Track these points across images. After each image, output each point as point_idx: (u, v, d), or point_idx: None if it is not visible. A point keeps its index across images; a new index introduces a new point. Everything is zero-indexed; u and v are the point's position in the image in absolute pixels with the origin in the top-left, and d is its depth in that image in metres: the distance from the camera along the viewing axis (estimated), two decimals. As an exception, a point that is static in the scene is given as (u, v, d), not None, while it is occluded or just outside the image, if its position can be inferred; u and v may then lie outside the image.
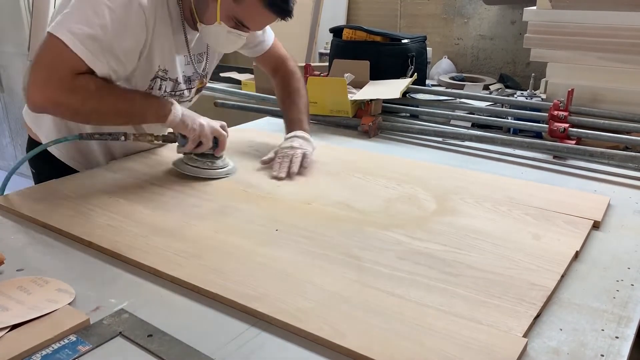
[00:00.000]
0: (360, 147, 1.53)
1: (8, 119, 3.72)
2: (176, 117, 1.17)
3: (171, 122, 1.18)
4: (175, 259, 0.88)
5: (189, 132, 1.18)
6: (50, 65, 1.06)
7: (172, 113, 1.17)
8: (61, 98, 1.07)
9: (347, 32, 1.92)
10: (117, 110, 1.14)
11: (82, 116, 1.14)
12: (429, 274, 0.85)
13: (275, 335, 0.72)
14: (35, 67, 1.07)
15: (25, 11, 3.31)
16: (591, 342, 0.71)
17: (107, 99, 1.12)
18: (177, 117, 1.17)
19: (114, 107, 1.13)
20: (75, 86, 1.07)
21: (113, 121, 1.18)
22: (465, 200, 1.12)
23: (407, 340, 0.69)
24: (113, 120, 1.17)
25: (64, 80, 1.06)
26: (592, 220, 1.04)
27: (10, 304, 0.75)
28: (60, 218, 1.02)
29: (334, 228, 1.00)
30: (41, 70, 1.06)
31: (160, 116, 1.17)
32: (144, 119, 1.20)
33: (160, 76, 1.23)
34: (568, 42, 1.63)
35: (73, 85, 1.07)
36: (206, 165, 1.24)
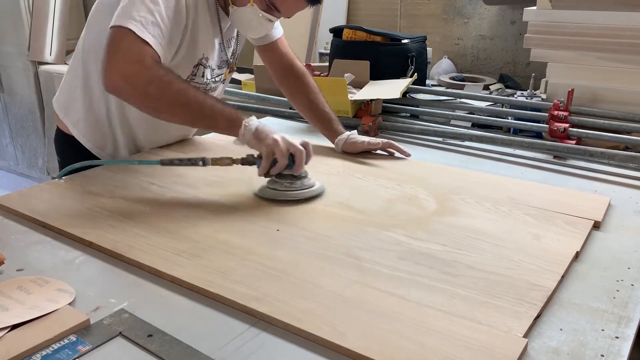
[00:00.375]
0: (360, 147, 1.53)
1: (8, 119, 3.72)
2: (249, 131, 1.10)
3: (243, 135, 1.10)
4: (176, 259, 0.88)
5: (260, 148, 1.11)
6: (123, 49, 1.06)
7: (244, 125, 1.10)
8: (131, 75, 1.05)
9: (347, 32, 1.92)
10: (186, 104, 1.08)
11: (150, 100, 1.08)
12: (429, 274, 0.85)
13: (275, 335, 0.72)
14: (108, 53, 1.06)
15: (25, 11, 3.31)
16: (591, 342, 0.71)
17: (175, 88, 1.08)
18: (250, 131, 1.10)
19: (184, 99, 1.08)
20: (145, 65, 1.05)
21: (179, 114, 1.12)
22: (466, 201, 1.12)
23: (407, 340, 0.69)
24: (180, 113, 1.11)
25: (136, 59, 1.05)
26: (593, 220, 1.03)
27: (10, 304, 0.75)
28: (60, 218, 1.02)
29: (335, 228, 1.00)
30: (114, 54, 1.06)
31: (231, 125, 1.11)
32: (214, 123, 1.13)
33: (203, 64, 1.24)
34: (568, 42, 1.63)
35: (144, 63, 1.05)
36: (284, 186, 1.12)
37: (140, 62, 1.05)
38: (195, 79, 1.27)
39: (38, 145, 3.60)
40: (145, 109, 1.12)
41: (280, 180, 1.13)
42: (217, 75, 1.34)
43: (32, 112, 3.51)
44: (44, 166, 3.59)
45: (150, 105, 1.10)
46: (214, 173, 1.26)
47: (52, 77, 3.25)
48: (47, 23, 3.31)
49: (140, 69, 1.05)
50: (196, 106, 1.09)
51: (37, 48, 3.32)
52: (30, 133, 3.61)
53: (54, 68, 3.29)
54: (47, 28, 3.31)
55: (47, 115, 3.42)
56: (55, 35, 3.34)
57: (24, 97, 3.52)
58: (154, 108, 1.11)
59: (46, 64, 3.35)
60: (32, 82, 3.41)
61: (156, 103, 1.09)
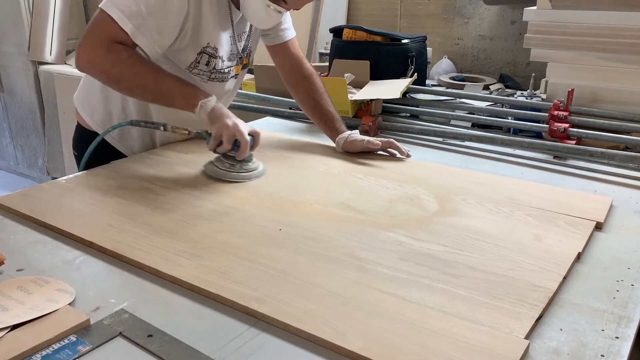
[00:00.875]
0: (361, 147, 1.53)
1: (8, 119, 3.72)
2: (204, 111, 1.17)
3: (198, 114, 1.18)
4: (176, 259, 0.88)
5: (211, 128, 1.18)
6: (97, 33, 1.16)
7: (201, 105, 1.17)
8: (96, 59, 1.16)
9: (347, 32, 1.92)
10: (144, 84, 1.18)
11: (113, 81, 1.20)
12: (430, 275, 0.84)
13: (275, 335, 0.72)
14: (85, 35, 1.17)
15: (25, 11, 3.31)
16: (591, 342, 0.71)
17: (137, 69, 1.17)
18: (205, 111, 1.17)
19: (143, 80, 1.18)
20: (109, 50, 1.15)
21: (140, 93, 1.22)
22: (467, 201, 1.12)
23: (408, 341, 0.69)
24: (140, 92, 1.21)
25: (103, 44, 1.15)
26: (595, 221, 1.03)
27: (11, 304, 0.75)
28: (61, 218, 1.02)
29: (336, 229, 1.00)
30: (88, 37, 1.17)
31: (188, 104, 1.18)
32: (172, 101, 1.20)
33: (209, 53, 1.29)
34: (568, 42, 1.63)
35: (108, 49, 1.15)
36: (225, 167, 1.22)
37: (106, 48, 1.15)
38: (199, 66, 1.30)
39: (38, 145, 3.59)
40: (111, 87, 1.24)
41: (224, 160, 1.22)
42: (227, 67, 1.37)
43: (32, 112, 3.51)
44: (44, 166, 3.59)
45: (114, 86, 1.22)
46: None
47: (52, 77, 3.24)
48: (47, 23, 3.31)
49: (104, 54, 1.16)
50: (154, 85, 1.18)
51: (37, 48, 3.32)
52: (30, 133, 3.61)
53: (54, 68, 3.29)
54: (47, 28, 3.31)
55: (47, 115, 3.42)
56: (55, 35, 3.34)
57: (24, 97, 3.52)
58: (118, 88, 1.23)
59: (46, 64, 3.35)
60: (32, 82, 3.41)
61: (119, 84, 1.20)
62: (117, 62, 1.16)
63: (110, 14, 1.14)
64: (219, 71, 1.35)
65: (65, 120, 3.26)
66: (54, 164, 3.52)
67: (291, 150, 1.44)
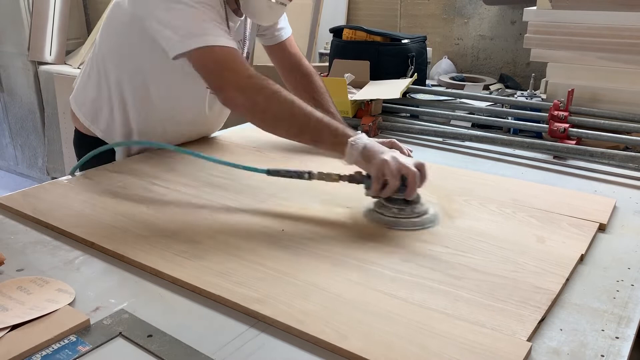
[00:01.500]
0: (361, 147, 1.53)
1: (8, 119, 3.72)
2: (356, 150, 1.03)
3: (349, 154, 1.04)
4: (178, 260, 0.88)
5: (369, 168, 1.03)
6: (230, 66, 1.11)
7: (350, 144, 1.04)
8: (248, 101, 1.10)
9: (347, 32, 1.92)
10: (293, 116, 1.09)
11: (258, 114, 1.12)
12: (432, 277, 0.84)
13: (275, 336, 0.72)
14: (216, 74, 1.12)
15: (25, 11, 3.31)
16: (591, 342, 0.71)
17: (286, 101, 1.09)
18: (357, 150, 1.03)
19: (290, 112, 1.09)
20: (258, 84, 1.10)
21: (286, 128, 1.12)
22: (469, 202, 1.12)
23: (410, 343, 0.69)
24: (286, 127, 1.12)
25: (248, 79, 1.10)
26: (598, 222, 1.03)
27: (10, 304, 0.75)
28: (63, 218, 1.02)
29: (337, 229, 1.00)
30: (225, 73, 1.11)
31: (336, 142, 1.06)
32: (319, 138, 1.09)
33: None
34: (568, 42, 1.63)
35: (256, 82, 1.10)
36: (392, 212, 1.02)
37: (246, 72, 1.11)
38: None
39: (38, 145, 3.59)
40: (254, 121, 1.15)
41: (389, 205, 1.03)
42: None
43: (32, 112, 3.51)
44: (44, 166, 3.59)
45: (258, 117, 1.13)
46: (216, 174, 1.26)
47: (52, 77, 3.24)
48: (47, 23, 3.31)
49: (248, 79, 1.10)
50: (303, 119, 1.08)
51: (37, 48, 3.32)
52: (30, 133, 3.61)
53: (54, 68, 3.29)
54: (47, 28, 3.32)
55: (47, 115, 3.42)
56: (55, 35, 3.34)
57: (23, 97, 3.52)
58: (261, 119, 1.13)
59: (46, 64, 3.35)
60: (32, 82, 3.41)
61: (264, 114, 1.11)
62: (262, 90, 1.09)
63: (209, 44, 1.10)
64: None
65: (65, 120, 3.26)
66: (53, 164, 3.52)
67: (292, 150, 1.44)
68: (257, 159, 1.37)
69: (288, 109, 1.09)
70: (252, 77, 1.11)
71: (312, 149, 1.26)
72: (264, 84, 1.09)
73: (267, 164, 1.31)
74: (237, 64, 1.12)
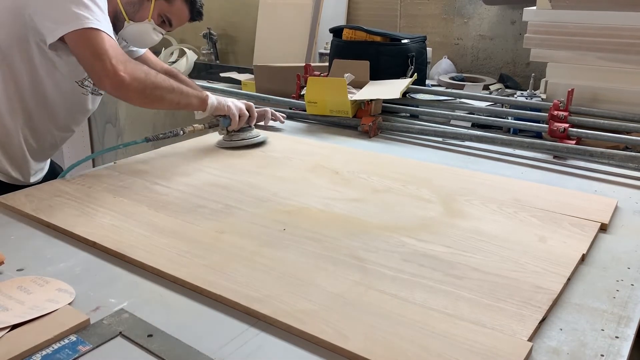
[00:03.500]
0: (360, 147, 1.53)
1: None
2: (213, 103, 1.39)
3: (211, 107, 1.39)
4: (179, 260, 0.88)
5: (228, 112, 1.42)
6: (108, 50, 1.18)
7: (209, 99, 1.39)
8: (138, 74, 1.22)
9: (347, 32, 1.92)
10: (172, 89, 1.30)
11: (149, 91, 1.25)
12: (433, 277, 0.84)
13: (275, 335, 0.72)
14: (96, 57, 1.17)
15: (25, 11, 3.30)
16: (591, 342, 0.71)
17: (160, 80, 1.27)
18: (214, 102, 1.39)
19: (169, 85, 1.29)
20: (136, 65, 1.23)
21: (169, 100, 1.30)
22: (471, 202, 1.12)
23: (410, 343, 0.69)
24: (169, 98, 1.30)
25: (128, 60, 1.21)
26: (599, 222, 1.03)
27: (10, 304, 0.75)
28: (64, 217, 1.02)
29: (338, 229, 1.00)
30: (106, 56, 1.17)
31: (201, 102, 1.38)
32: (189, 103, 1.36)
33: None
34: (568, 42, 1.63)
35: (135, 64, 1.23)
36: (230, 136, 1.46)
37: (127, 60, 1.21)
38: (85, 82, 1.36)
39: (38, 145, 3.59)
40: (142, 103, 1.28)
41: (232, 133, 1.47)
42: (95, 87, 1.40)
43: (32, 112, 3.51)
44: (44, 166, 3.59)
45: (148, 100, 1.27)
46: (217, 173, 1.26)
47: (52, 77, 3.24)
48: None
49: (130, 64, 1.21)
50: (175, 90, 1.31)
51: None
52: (30, 133, 3.60)
53: (54, 68, 3.29)
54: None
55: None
56: (55, 35, 3.33)
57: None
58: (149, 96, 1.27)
59: (46, 64, 3.34)
60: (32, 82, 3.40)
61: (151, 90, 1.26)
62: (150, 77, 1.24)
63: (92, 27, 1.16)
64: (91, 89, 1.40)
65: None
66: (54, 164, 3.51)
67: (293, 150, 1.44)
68: (259, 159, 1.38)
69: (167, 87, 1.29)
70: (130, 61, 1.22)
71: (313, 149, 1.47)
72: (142, 69, 1.24)
73: (270, 163, 1.34)
74: (116, 49, 1.19)
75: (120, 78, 1.17)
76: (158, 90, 1.26)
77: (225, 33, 3.08)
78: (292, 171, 1.30)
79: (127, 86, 1.19)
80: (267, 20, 2.70)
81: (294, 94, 1.87)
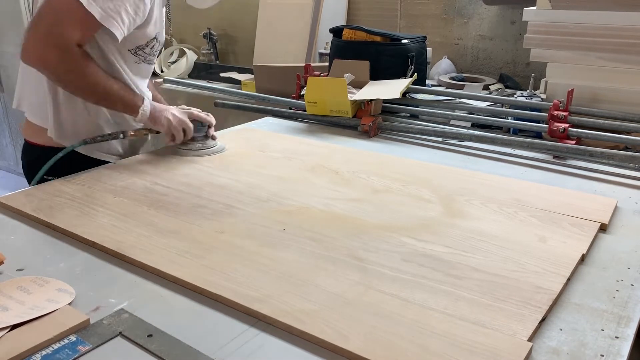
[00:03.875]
0: (360, 147, 1.53)
1: (8, 119, 3.72)
2: (145, 114, 1.31)
3: (140, 118, 1.31)
4: (179, 260, 0.88)
5: (158, 128, 1.34)
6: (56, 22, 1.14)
7: (142, 109, 1.30)
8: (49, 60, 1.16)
9: (347, 32, 1.92)
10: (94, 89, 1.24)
11: (62, 83, 1.24)
12: (433, 277, 0.84)
13: (275, 336, 0.72)
14: (39, 20, 1.15)
15: (25, 11, 3.31)
16: (591, 342, 0.71)
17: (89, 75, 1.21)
18: (145, 115, 1.31)
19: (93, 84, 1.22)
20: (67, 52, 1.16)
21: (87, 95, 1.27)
22: (471, 202, 1.12)
23: (410, 343, 0.69)
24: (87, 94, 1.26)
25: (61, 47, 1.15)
26: (599, 222, 1.03)
27: (10, 304, 0.75)
28: (64, 218, 1.02)
29: (338, 229, 1.00)
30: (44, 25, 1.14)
31: (129, 109, 1.30)
32: (114, 104, 1.29)
33: (157, 37, 1.36)
34: (568, 42, 1.63)
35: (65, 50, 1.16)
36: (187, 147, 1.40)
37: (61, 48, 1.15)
38: (146, 49, 1.36)
39: (38, 145, 3.59)
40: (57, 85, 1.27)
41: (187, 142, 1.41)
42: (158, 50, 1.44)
43: (32, 112, 3.51)
44: (44, 166, 3.59)
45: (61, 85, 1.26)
46: (217, 173, 1.26)
47: (52, 77, 3.24)
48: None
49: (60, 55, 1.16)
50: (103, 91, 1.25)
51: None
52: (30, 133, 3.61)
53: (54, 68, 3.29)
54: None
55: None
56: (55, 35, 3.34)
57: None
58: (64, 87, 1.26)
59: (46, 64, 3.35)
60: (32, 82, 3.41)
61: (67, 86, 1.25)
62: (71, 70, 1.19)
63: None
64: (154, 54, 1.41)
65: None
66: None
67: (294, 151, 1.44)
68: (259, 159, 1.37)
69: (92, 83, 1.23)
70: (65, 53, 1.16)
71: (313, 149, 1.46)
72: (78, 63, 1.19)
73: (270, 163, 1.34)
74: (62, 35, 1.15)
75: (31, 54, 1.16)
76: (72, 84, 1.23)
77: (225, 33, 3.09)
78: (292, 171, 1.30)
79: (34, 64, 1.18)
80: (267, 20, 2.70)
81: (294, 94, 1.87)
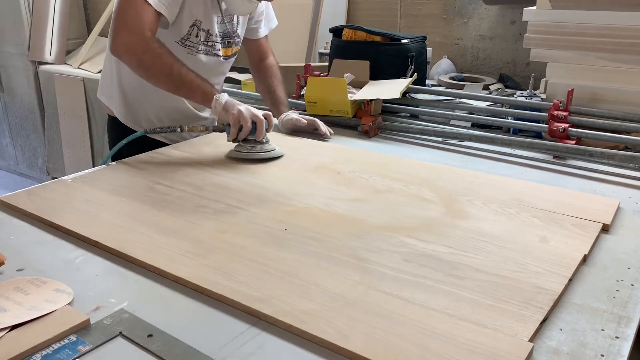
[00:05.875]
0: (360, 147, 1.53)
1: (8, 119, 3.72)
2: (219, 104, 1.33)
3: (215, 107, 1.33)
4: (180, 259, 0.88)
5: (228, 117, 1.32)
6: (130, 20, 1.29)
7: (217, 98, 1.33)
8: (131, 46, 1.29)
9: (347, 32, 1.92)
10: (170, 74, 1.31)
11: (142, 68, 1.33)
12: (434, 277, 0.84)
13: (275, 335, 0.72)
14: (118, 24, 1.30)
15: (25, 11, 3.31)
16: (591, 342, 0.71)
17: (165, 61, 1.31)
18: (220, 104, 1.33)
19: (169, 70, 1.31)
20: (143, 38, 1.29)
21: (164, 82, 1.34)
22: (473, 202, 1.12)
23: (411, 343, 0.69)
24: (164, 81, 1.34)
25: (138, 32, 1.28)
26: (601, 223, 1.02)
27: (8, 305, 0.75)
28: (67, 217, 1.02)
29: (340, 229, 1.00)
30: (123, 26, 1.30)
31: (205, 98, 1.34)
32: (192, 93, 1.36)
33: (197, 25, 1.45)
34: (568, 42, 1.63)
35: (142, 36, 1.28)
36: (246, 149, 1.36)
37: (140, 36, 1.28)
38: (191, 37, 1.46)
39: (38, 145, 3.59)
40: (139, 74, 1.35)
41: (245, 144, 1.36)
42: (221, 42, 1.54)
43: (32, 112, 3.51)
44: (44, 166, 3.59)
45: (143, 72, 1.34)
46: (219, 173, 1.26)
47: (52, 77, 3.24)
48: (47, 23, 3.31)
49: (138, 41, 1.29)
50: (178, 78, 1.32)
51: (37, 48, 3.32)
52: (30, 133, 3.61)
53: (54, 68, 3.29)
54: (47, 28, 3.31)
55: (47, 115, 3.42)
56: (55, 35, 3.34)
57: (24, 97, 3.52)
58: (146, 75, 1.34)
59: (46, 64, 3.35)
60: (32, 82, 3.41)
61: (147, 71, 1.33)
62: (149, 51, 1.29)
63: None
64: (208, 44, 1.50)
65: (65, 120, 3.26)
66: (53, 164, 3.52)
67: (294, 151, 1.44)
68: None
69: (167, 70, 1.31)
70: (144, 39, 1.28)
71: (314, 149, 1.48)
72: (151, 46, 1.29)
73: (271, 163, 1.35)
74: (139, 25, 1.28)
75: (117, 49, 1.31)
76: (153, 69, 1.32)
77: (225, 33, 3.08)
78: (293, 171, 1.30)
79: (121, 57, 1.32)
80: (267, 20, 2.70)
81: (294, 94, 1.88)
